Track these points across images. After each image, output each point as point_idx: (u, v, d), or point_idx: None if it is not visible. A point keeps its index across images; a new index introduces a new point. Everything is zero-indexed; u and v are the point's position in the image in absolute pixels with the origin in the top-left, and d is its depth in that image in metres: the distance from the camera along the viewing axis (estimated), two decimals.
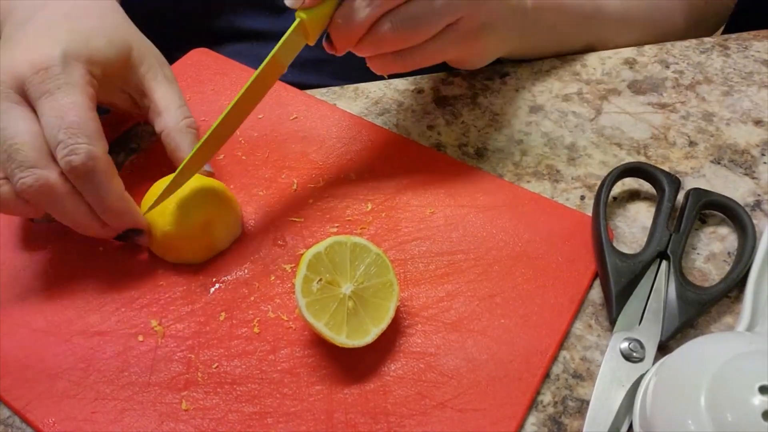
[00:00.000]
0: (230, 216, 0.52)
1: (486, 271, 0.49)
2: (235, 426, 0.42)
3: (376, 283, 0.45)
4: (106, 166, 0.46)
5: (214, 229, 0.50)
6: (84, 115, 0.45)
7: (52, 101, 0.45)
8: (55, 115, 0.45)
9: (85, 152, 0.44)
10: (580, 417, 0.43)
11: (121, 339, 0.47)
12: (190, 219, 0.49)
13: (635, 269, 0.47)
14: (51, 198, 0.45)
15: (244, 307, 0.48)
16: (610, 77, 0.64)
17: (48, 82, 0.45)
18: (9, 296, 0.50)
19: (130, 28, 0.55)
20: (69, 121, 0.45)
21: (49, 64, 0.46)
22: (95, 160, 0.45)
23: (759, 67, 0.64)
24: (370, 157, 0.57)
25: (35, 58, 0.46)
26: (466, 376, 0.44)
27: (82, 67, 0.47)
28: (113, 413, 0.43)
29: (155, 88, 0.53)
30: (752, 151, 0.57)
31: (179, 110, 0.53)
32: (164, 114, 0.52)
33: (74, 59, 0.47)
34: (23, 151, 0.45)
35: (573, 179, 0.56)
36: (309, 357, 0.45)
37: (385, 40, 0.50)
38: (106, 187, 0.46)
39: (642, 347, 0.44)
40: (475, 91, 0.63)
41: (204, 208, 0.50)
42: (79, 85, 0.46)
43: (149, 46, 0.55)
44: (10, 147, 0.45)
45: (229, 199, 0.52)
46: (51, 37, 0.48)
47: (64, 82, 0.46)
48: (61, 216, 0.47)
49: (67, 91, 0.46)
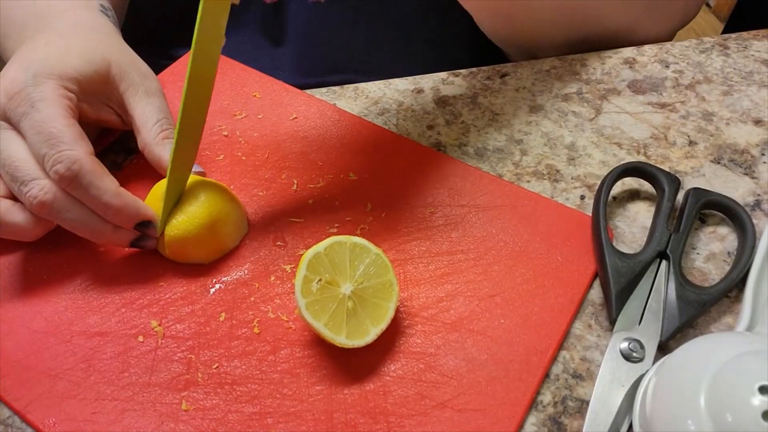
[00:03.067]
0: (235, 214, 0.52)
1: (486, 271, 0.49)
2: (236, 426, 0.42)
3: (375, 283, 0.45)
4: (92, 167, 0.46)
5: (222, 228, 0.50)
6: (60, 124, 0.47)
7: (30, 120, 0.47)
8: (35, 131, 0.46)
9: (67, 158, 0.45)
10: (580, 417, 0.43)
11: (121, 339, 0.47)
12: (197, 221, 0.49)
13: (635, 269, 0.47)
14: (57, 207, 0.47)
15: (244, 308, 0.48)
16: (609, 77, 0.64)
17: (23, 104, 0.47)
18: (9, 297, 0.50)
19: (114, 46, 0.55)
20: (47, 134, 0.46)
21: (21, 87, 0.48)
22: (79, 163, 0.46)
23: (759, 67, 0.64)
24: (370, 157, 0.57)
25: (8, 85, 0.48)
26: (465, 376, 0.44)
27: (54, 83, 0.49)
28: (114, 413, 0.43)
29: (135, 105, 0.53)
30: (752, 151, 0.57)
31: (157, 125, 0.53)
32: (142, 130, 0.53)
33: (45, 77, 0.48)
34: (23, 167, 0.46)
35: (573, 179, 0.56)
36: (309, 357, 0.45)
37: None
38: (97, 186, 0.46)
39: (642, 347, 0.45)
40: (475, 91, 0.63)
41: (209, 209, 0.50)
42: (51, 99, 0.48)
43: (131, 62, 0.55)
44: (10, 166, 0.47)
45: (232, 198, 0.52)
46: (23, 62, 0.50)
47: (37, 99, 0.47)
48: (71, 226, 0.48)
49: (40, 107, 0.47)
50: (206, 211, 0.50)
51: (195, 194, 0.51)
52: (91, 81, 0.51)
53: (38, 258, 0.52)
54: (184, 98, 0.47)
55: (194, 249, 0.50)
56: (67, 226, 0.48)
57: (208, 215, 0.50)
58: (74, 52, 0.51)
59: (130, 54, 0.56)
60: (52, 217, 0.47)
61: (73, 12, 0.57)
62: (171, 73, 0.66)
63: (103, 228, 0.48)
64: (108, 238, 0.49)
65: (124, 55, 0.55)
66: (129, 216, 0.48)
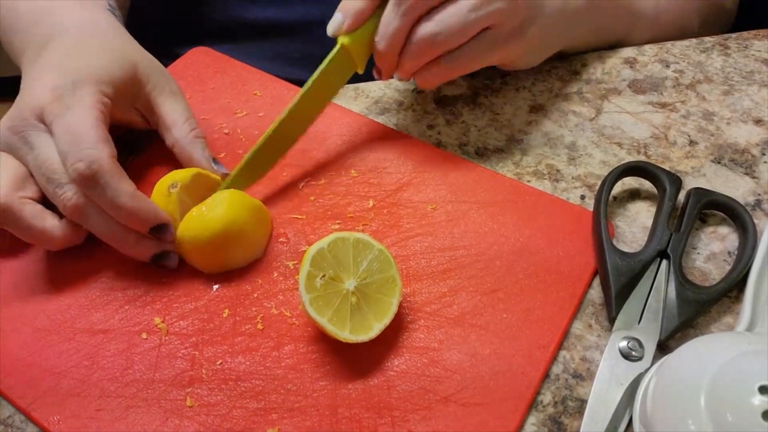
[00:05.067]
0: (252, 238, 0.51)
1: (488, 267, 0.49)
2: (240, 422, 0.42)
3: (379, 278, 0.45)
4: (111, 168, 0.46)
5: (232, 248, 0.49)
6: (88, 125, 0.47)
7: (61, 121, 0.47)
8: (62, 131, 0.47)
9: (87, 157, 0.46)
10: (579, 417, 0.43)
11: (124, 336, 0.47)
12: (208, 232, 0.48)
13: (635, 268, 0.47)
14: (89, 211, 0.47)
15: (247, 304, 0.48)
16: (610, 76, 0.64)
17: (59, 107, 0.48)
18: (12, 295, 0.50)
19: (135, 47, 0.56)
20: (73, 133, 0.47)
21: (61, 93, 0.48)
22: (98, 163, 0.46)
23: (759, 66, 0.64)
24: (372, 154, 0.58)
25: (49, 89, 0.48)
26: (469, 371, 0.44)
27: (92, 88, 0.49)
28: (118, 410, 0.43)
29: (162, 104, 0.55)
30: (753, 151, 0.57)
31: (186, 123, 0.54)
32: (173, 128, 0.54)
33: (83, 84, 0.49)
34: (59, 171, 0.47)
35: (573, 179, 0.56)
36: (313, 353, 0.45)
37: (420, 50, 0.51)
38: (113, 187, 0.46)
39: (641, 346, 0.45)
40: (475, 91, 0.64)
41: (223, 225, 0.49)
42: (87, 104, 0.48)
43: (154, 64, 0.56)
44: (47, 169, 0.47)
45: (259, 221, 0.51)
46: (61, 68, 0.50)
47: (74, 103, 0.48)
48: (98, 231, 0.49)
49: (75, 110, 0.48)
50: (219, 225, 0.48)
51: (221, 205, 0.49)
52: (124, 84, 0.52)
53: (41, 257, 0.52)
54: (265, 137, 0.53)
55: (197, 257, 0.50)
56: (95, 231, 0.48)
57: (221, 229, 0.48)
58: (106, 56, 0.52)
59: (149, 55, 0.57)
60: (83, 221, 0.48)
61: (84, 12, 0.57)
62: (172, 71, 0.65)
63: (126, 236, 0.48)
64: (131, 248, 0.49)
65: (145, 56, 0.56)
66: (144, 219, 0.48)
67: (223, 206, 0.49)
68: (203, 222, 0.49)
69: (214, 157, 0.54)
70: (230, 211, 0.49)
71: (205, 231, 0.49)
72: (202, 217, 0.49)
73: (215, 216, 0.49)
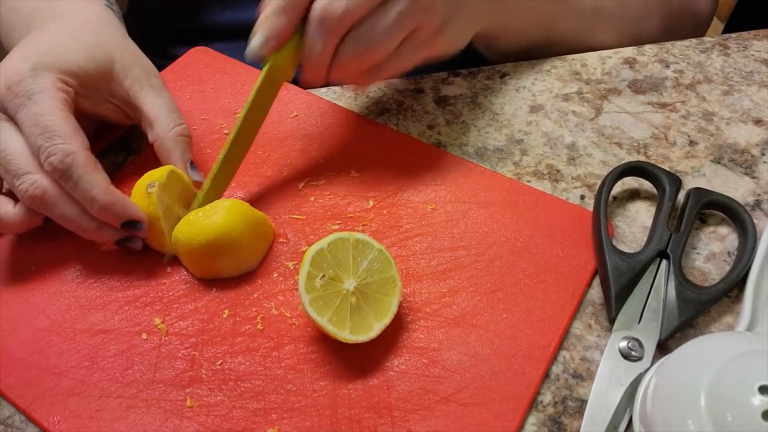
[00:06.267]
0: (247, 250, 0.50)
1: (487, 267, 0.49)
2: (240, 422, 0.42)
3: (378, 278, 0.45)
4: (85, 161, 0.47)
5: (223, 258, 0.49)
6: (57, 117, 0.47)
7: (27, 111, 0.47)
8: (31, 123, 0.47)
9: (61, 151, 0.46)
10: (580, 417, 0.43)
11: (124, 337, 0.47)
12: (200, 238, 0.48)
13: (635, 268, 0.47)
14: (47, 201, 0.47)
15: (247, 305, 0.48)
16: (610, 77, 0.64)
17: (20, 95, 0.48)
18: (12, 295, 0.50)
19: (117, 42, 0.55)
20: (43, 126, 0.47)
21: (19, 78, 0.48)
22: (72, 156, 0.46)
23: (759, 67, 0.64)
24: (371, 154, 0.58)
25: (7, 75, 0.49)
26: (469, 371, 0.44)
27: (53, 76, 0.49)
28: (118, 411, 0.43)
29: (143, 100, 0.54)
30: (752, 151, 0.57)
31: (168, 119, 0.53)
32: (155, 124, 0.53)
33: (44, 70, 0.49)
34: (16, 160, 0.47)
35: (573, 179, 0.56)
36: (313, 353, 0.45)
37: (349, 64, 0.52)
38: (87, 180, 0.47)
39: (641, 346, 0.45)
40: (475, 91, 0.64)
41: (220, 235, 0.48)
42: (49, 92, 0.48)
43: (136, 58, 0.55)
44: (3, 159, 0.47)
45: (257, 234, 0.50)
46: (25, 53, 0.50)
47: (35, 91, 0.48)
48: (60, 219, 0.48)
49: (38, 99, 0.48)
50: (213, 234, 0.48)
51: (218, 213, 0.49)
52: (92, 76, 0.52)
53: (41, 256, 0.52)
54: (222, 157, 0.52)
55: (187, 260, 0.50)
56: (56, 219, 0.49)
57: (214, 238, 0.48)
58: (77, 47, 0.52)
59: (135, 50, 0.56)
60: (43, 210, 0.48)
61: (79, 6, 0.57)
62: (172, 72, 0.66)
63: (88, 224, 0.48)
64: (93, 235, 0.49)
65: (128, 51, 0.55)
66: (116, 213, 0.48)
67: (220, 215, 0.49)
68: (198, 228, 0.48)
69: (192, 161, 0.54)
70: (227, 221, 0.48)
71: (198, 237, 0.48)
72: (198, 222, 0.49)
73: (210, 224, 0.48)
